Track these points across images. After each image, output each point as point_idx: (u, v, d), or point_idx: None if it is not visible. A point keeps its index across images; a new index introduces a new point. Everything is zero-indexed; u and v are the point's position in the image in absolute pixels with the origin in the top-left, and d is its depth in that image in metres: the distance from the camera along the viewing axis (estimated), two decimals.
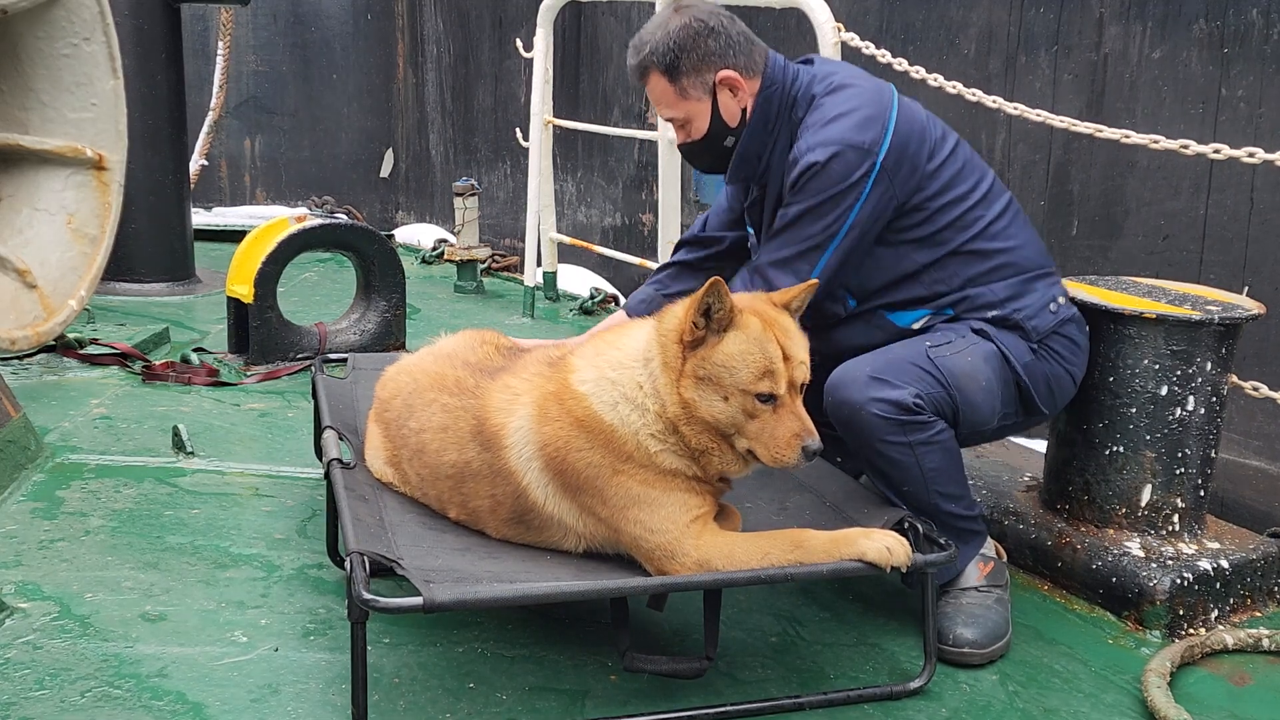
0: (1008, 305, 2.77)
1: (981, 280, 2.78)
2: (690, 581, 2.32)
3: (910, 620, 2.79)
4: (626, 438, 2.36)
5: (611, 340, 2.51)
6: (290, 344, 4.77)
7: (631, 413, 2.37)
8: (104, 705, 2.33)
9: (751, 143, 2.81)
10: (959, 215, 2.76)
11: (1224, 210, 4.40)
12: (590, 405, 2.40)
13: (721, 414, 2.31)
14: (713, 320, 2.30)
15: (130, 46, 5.26)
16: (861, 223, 2.68)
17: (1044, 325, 2.78)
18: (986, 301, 2.78)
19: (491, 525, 2.58)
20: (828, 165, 2.65)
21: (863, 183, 2.65)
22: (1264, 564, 2.95)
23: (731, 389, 2.29)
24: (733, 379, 2.29)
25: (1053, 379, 2.80)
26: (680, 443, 2.37)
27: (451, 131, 9.70)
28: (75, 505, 3.31)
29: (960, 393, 2.65)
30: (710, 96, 2.79)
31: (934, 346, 2.70)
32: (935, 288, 2.80)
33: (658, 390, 2.36)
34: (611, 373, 2.41)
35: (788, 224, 2.72)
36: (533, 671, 2.51)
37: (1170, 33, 4.54)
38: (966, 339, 2.73)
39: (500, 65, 8.83)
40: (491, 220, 8.78)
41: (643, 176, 7.45)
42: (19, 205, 4.16)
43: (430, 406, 2.68)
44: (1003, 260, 2.79)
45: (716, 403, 2.31)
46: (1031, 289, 2.79)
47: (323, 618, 2.72)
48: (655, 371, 2.37)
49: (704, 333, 2.31)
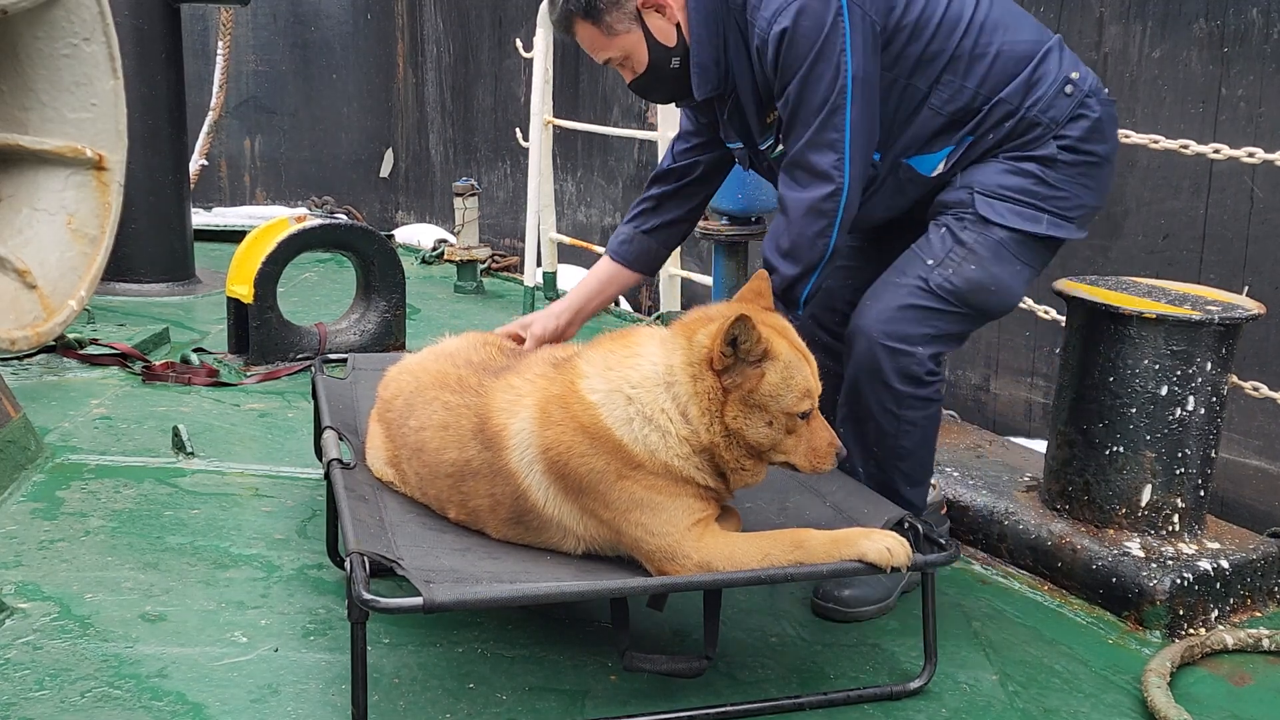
0: (1024, 106, 2.68)
1: (989, 84, 2.69)
2: (690, 582, 2.32)
3: (910, 620, 2.79)
4: (639, 452, 2.36)
5: (622, 351, 2.46)
6: (290, 344, 4.77)
7: (651, 433, 2.35)
8: (104, 705, 2.33)
9: (703, 51, 2.73)
10: (941, 17, 2.67)
11: (1224, 210, 4.40)
12: (599, 416, 2.37)
13: (765, 437, 2.36)
14: (739, 349, 2.31)
15: (130, 46, 5.27)
16: (860, 64, 2.59)
17: (1062, 112, 2.69)
18: (1004, 113, 2.69)
19: (491, 525, 2.57)
20: (797, 26, 2.56)
21: (839, 24, 2.56)
22: (1264, 564, 2.95)
23: (777, 413, 2.35)
24: (779, 405, 2.35)
25: (1088, 174, 2.72)
26: (705, 462, 2.38)
27: (451, 131, 9.70)
28: (75, 505, 3.31)
29: (972, 307, 2.69)
30: (639, 25, 2.71)
31: (936, 267, 2.67)
32: (948, 110, 2.70)
33: (688, 418, 2.35)
34: (629, 389, 2.38)
35: (794, 105, 2.62)
36: (533, 671, 2.51)
37: (1170, 32, 4.55)
38: (967, 241, 2.68)
39: (500, 65, 8.84)
40: (491, 220, 8.78)
41: (643, 176, 7.45)
42: (19, 205, 4.16)
43: (432, 404, 2.68)
44: (1001, 47, 2.69)
45: (762, 428, 2.36)
46: (1042, 75, 2.69)
47: (323, 618, 2.72)
48: (682, 399, 2.35)
49: (732, 360, 2.33)
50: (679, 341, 2.41)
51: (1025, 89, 2.69)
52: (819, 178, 2.62)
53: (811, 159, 2.62)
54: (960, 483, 3.33)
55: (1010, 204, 2.70)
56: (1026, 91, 2.69)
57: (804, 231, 2.63)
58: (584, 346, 2.59)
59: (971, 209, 2.71)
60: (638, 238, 3.09)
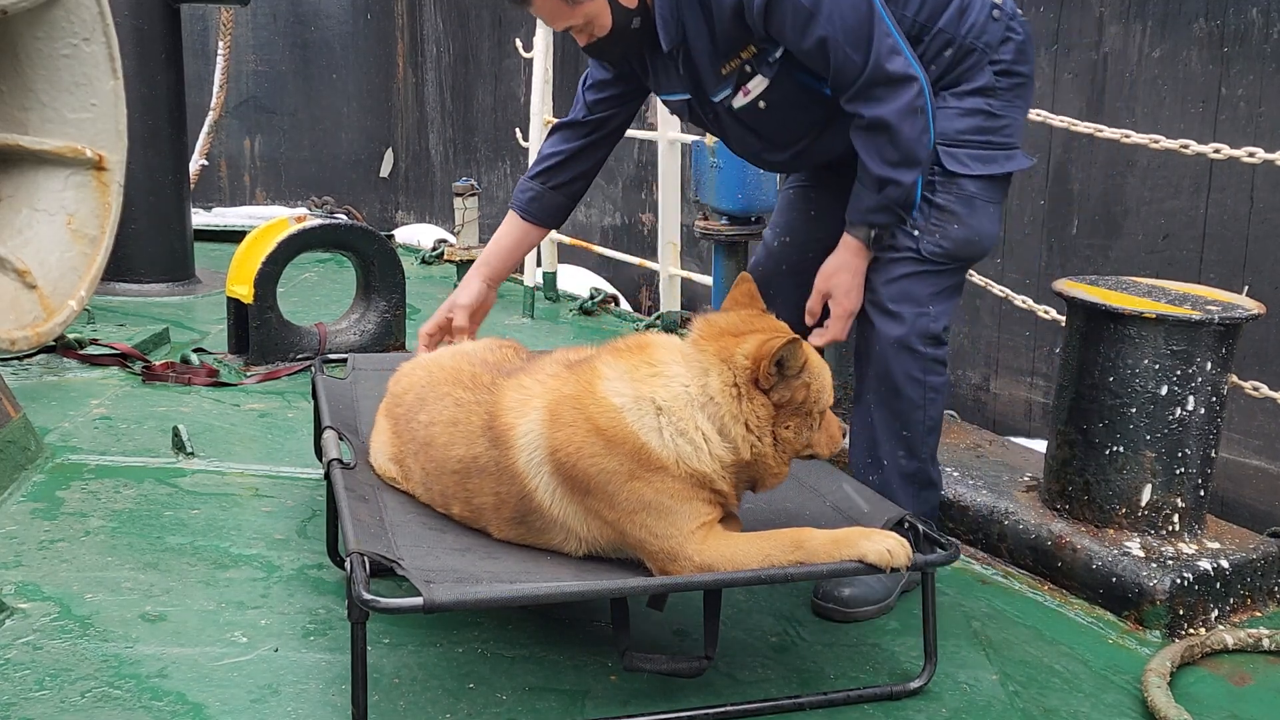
0: (959, 34, 2.77)
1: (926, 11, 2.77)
2: (690, 582, 2.32)
3: (910, 620, 2.79)
4: (666, 457, 2.36)
5: (649, 362, 2.44)
6: (290, 344, 4.77)
7: (685, 445, 2.36)
8: (104, 705, 2.33)
9: (665, 5, 2.75)
10: None
11: (1224, 209, 4.40)
12: (625, 420, 2.36)
13: (809, 438, 2.47)
14: (785, 368, 2.37)
15: (130, 46, 5.27)
16: None
17: (995, 36, 2.80)
18: (943, 42, 2.78)
19: (494, 524, 2.57)
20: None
21: None
22: (1264, 564, 2.95)
23: (818, 414, 2.46)
24: (819, 406, 2.46)
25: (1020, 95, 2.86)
26: (733, 474, 2.40)
27: (451, 131, 9.71)
28: (75, 505, 3.31)
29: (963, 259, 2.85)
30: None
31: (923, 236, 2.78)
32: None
33: (727, 436, 2.37)
34: (662, 401, 2.38)
35: (825, 46, 2.63)
36: (533, 671, 2.51)
37: (1170, 32, 4.55)
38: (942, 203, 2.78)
39: (500, 65, 8.84)
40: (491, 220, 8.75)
41: (642, 176, 7.45)
42: (19, 205, 4.16)
43: (443, 400, 2.68)
44: None
45: (808, 432, 2.46)
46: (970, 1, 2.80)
47: (323, 618, 2.72)
48: (724, 419, 2.36)
49: (778, 378, 2.38)
50: (711, 362, 2.40)
51: (958, 17, 2.79)
52: (899, 83, 2.65)
53: (886, 69, 2.65)
54: (960, 483, 3.33)
55: (969, 149, 2.80)
56: (959, 19, 2.78)
57: (909, 135, 2.67)
58: (599, 350, 2.56)
59: (938, 163, 2.79)
60: (547, 194, 3.13)
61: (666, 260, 5.84)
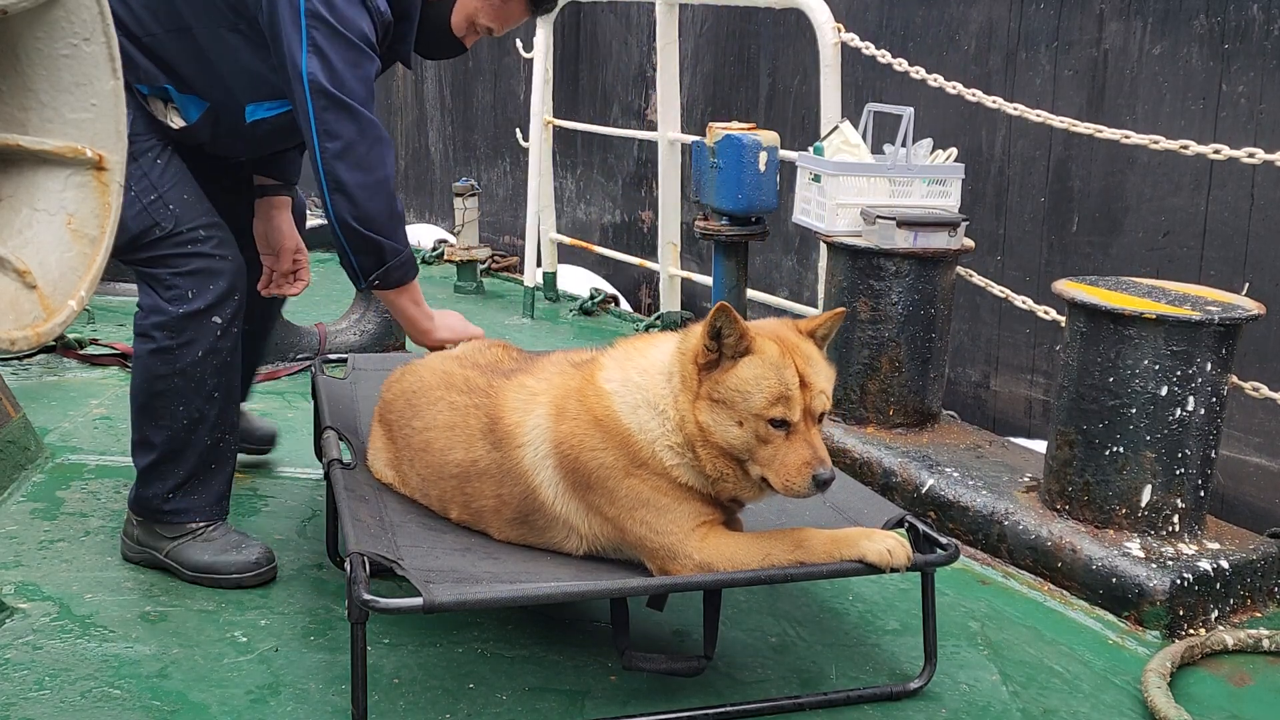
0: None
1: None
2: (690, 582, 2.32)
3: (910, 620, 2.79)
4: (643, 445, 2.35)
5: (641, 348, 2.50)
6: (290, 344, 4.76)
7: (651, 419, 2.35)
8: (104, 705, 2.33)
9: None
10: None
11: (1224, 207, 4.40)
12: (611, 404, 2.39)
13: (735, 439, 2.27)
14: (724, 344, 2.28)
15: None
16: None
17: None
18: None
19: (495, 526, 2.57)
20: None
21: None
22: (1264, 564, 2.95)
23: (745, 414, 2.25)
24: (746, 404, 2.25)
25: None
26: (697, 461, 2.36)
27: (451, 130, 9.70)
28: (75, 505, 3.31)
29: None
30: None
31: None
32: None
33: (678, 408, 2.34)
34: (638, 377, 2.40)
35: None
36: (533, 671, 2.51)
37: (1170, 29, 4.54)
38: None
39: (500, 63, 8.83)
40: (491, 217, 8.78)
41: (642, 174, 7.45)
42: (18, 205, 4.14)
43: (437, 405, 2.68)
44: None
45: (731, 427, 2.27)
46: None
47: (323, 618, 2.72)
48: (676, 389, 2.35)
49: (717, 355, 2.29)
50: (683, 336, 2.42)
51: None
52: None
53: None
54: (960, 483, 3.33)
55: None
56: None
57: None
58: (607, 347, 2.59)
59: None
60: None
61: (666, 260, 5.84)
